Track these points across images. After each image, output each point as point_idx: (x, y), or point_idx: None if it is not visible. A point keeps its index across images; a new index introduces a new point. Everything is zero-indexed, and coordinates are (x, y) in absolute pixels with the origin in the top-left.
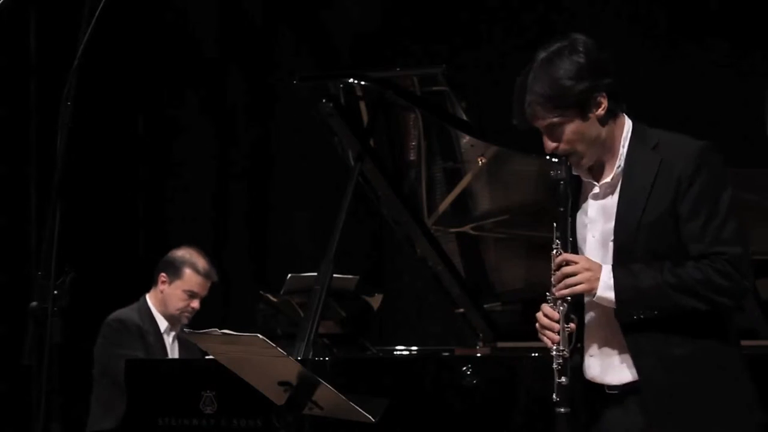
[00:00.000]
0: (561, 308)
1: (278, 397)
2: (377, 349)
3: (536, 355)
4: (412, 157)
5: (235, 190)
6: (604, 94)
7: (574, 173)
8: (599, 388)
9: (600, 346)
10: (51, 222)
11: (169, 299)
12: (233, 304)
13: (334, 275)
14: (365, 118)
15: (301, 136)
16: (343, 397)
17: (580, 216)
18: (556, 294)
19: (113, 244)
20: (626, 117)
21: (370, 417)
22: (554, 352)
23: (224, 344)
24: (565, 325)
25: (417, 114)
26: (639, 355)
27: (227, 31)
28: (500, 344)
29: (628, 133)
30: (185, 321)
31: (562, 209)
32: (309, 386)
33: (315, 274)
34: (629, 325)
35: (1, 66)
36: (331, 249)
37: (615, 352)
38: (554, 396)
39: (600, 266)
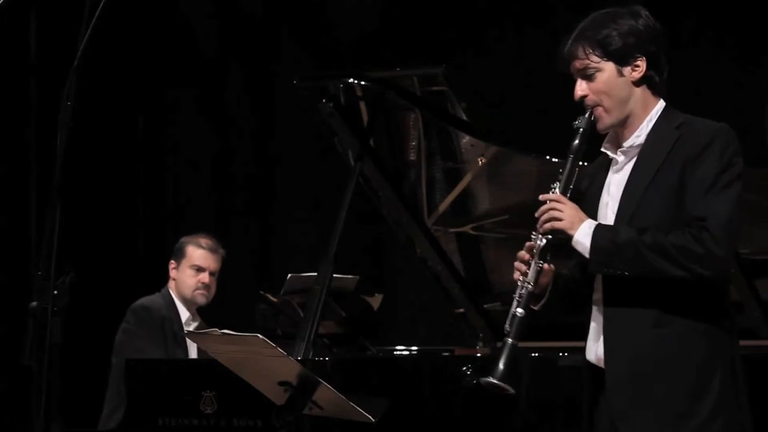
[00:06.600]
0: (539, 242)
1: (278, 397)
2: (377, 349)
3: (536, 355)
4: (412, 157)
5: (235, 190)
6: (644, 59)
7: (598, 128)
8: (600, 372)
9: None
10: (51, 222)
11: (181, 282)
12: (233, 304)
13: (334, 275)
14: (365, 118)
15: (301, 135)
16: (343, 397)
17: (603, 195)
18: (539, 229)
19: (113, 244)
20: (662, 100)
21: (370, 417)
22: (519, 282)
23: (224, 344)
24: (539, 261)
25: (417, 114)
26: (609, 328)
27: (227, 31)
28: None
29: (658, 111)
30: (202, 300)
31: (571, 156)
32: (309, 386)
33: (315, 274)
34: (610, 296)
35: (1, 66)
36: (331, 249)
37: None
38: (506, 326)
39: (586, 217)
